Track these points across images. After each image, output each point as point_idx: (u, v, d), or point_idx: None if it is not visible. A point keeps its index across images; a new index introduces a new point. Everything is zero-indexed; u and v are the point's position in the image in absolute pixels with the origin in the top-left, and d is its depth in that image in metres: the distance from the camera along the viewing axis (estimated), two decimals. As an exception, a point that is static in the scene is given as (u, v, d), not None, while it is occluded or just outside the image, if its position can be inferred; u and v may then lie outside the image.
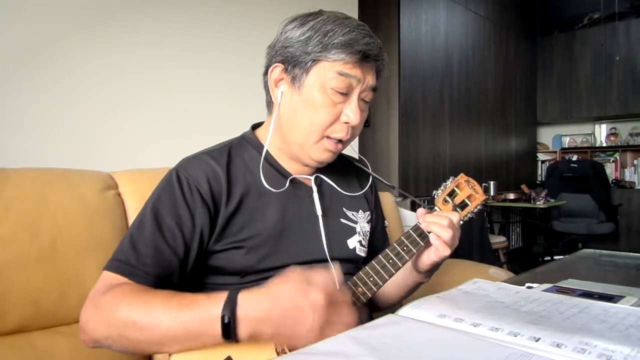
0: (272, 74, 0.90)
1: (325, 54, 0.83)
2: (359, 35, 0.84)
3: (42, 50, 1.58)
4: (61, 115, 1.62)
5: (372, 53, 0.85)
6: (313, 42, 0.84)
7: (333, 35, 0.83)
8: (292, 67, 0.87)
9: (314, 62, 0.84)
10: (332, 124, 0.86)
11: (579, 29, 5.67)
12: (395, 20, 3.72)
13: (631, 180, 5.44)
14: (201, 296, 0.72)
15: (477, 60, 4.73)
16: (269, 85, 0.92)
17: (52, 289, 1.08)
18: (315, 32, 0.84)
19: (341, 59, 0.83)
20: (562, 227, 4.82)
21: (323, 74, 0.84)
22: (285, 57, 0.87)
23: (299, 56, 0.85)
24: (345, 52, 0.82)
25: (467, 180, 0.94)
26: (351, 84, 0.84)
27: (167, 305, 0.70)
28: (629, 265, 1.22)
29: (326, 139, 0.88)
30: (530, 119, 5.85)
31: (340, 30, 0.83)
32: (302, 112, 0.87)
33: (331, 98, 0.84)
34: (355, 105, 0.86)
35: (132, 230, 0.82)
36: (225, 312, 0.67)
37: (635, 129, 5.60)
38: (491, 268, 2.00)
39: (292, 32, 0.87)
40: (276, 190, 0.89)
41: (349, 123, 0.86)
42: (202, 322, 0.68)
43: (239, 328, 0.68)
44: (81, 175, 1.25)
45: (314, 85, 0.85)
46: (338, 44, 0.82)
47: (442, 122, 4.24)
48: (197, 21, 2.05)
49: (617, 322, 0.60)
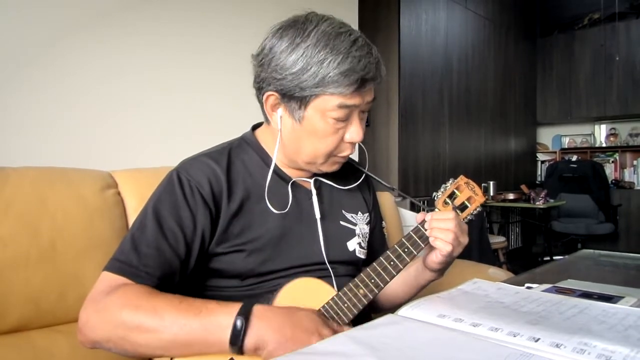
0: (268, 101, 0.87)
1: (322, 89, 0.80)
2: (354, 60, 0.79)
3: (42, 50, 1.58)
4: (61, 115, 1.62)
5: (369, 77, 0.81)
6: (307, 75, 0.79)
7: (328, 67, 0.78)
8: (288, 100, 0.84)
9: (311, 97, 0.82)
10: (336, 147, 0.87)
11: (579, 29, 5.66)
12: (395, 19, 3.72)
13: (630, 180, 5.45)
14: (212, 303, 0.72)
15: (476, 60, 4.73)
16: (266, 110, 0.89)
17: (52, 288, 1.08)
18: (307, 63, 0.79)
19: (339, 92, 0.80)
20: (561, 227, 4.82)
21: (322, 106, 0.82)
22: (279, 89, 0.83)
23: (294, 90, 0.81)
24: (343, 85, 0.79)
25: (466, 182, 0.94)
26: (351, 110, 0.84)
27: (175, 311, 0.70)
28: (629, 265, 1.22)
29: (333, 157, 0.89)
30: (529, 119, 5.85)
31: (334, 58, 0.78)
32: (306, 141, 0.87)
33: (333, 126, 0.84)
34: (357, 125, 0.86)
35: (133, 231, 0.82)
36: (239, 317, 0.69)
37: (634, 129, 5.60)
38: (490, 268, 2.00)
39: (282, 57, 0.82)
40: (278, 212, 0.89)
41: (353, 142, 0.87)
42: (211, 329, 0.69)
43: (248, 335, 0.69)
44: (81, 174, 1.25)
45: (314, 116, 0.84)
46: (334, 77, 0.78)
47: (442, 122, 4.25)
48: (196, 21, 2.04)
49: (617, 322, 0.60)
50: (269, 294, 0.84)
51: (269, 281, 0.86)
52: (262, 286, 0.86)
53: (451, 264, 0.92)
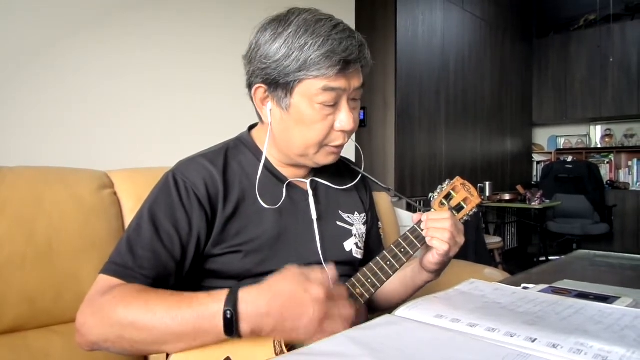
0: (257, 95, 0.87)
1: (304, 72, 0.80)
2: (334, 42, 0.79)
3: (39, 50, 1.57)
4: (57, 115, 1.62)
5: (352, 58, 0.81)
6: (289, 61, 0.80)
7: (308, 50, 0.78)
8: (274, 89, 0.84)
9: (295, 82, 0.81)
10: (327, 135, 0.86)
11: (574, 30, 5.69)
12: (392, 20, 3.73)
13: (625, 181, 5.48)
14: (201, 294, 0.72)
15: (473, 61, 4.74)
16: (256, 104, 0.90)
17: (48, 288, 1.08)
18: (289, 49, 0.80)
19: (322, 74, 0.79)
20: (557, 227, 4.85)
21: (308, 91, 0.82)
22: (265, 78, 0.84)
23: (279, 78, 0.82)
24: (325, 67, 0.79)
25: (462, 183, 0.94)
26: (338, 94, 0.83)
27: (166, 304, 0.70)
28: (624, 266, 1.23)
29: (326, 147, 0.88)
30: (525, 120, 5.87)
31: (314, 42, 0.79)
32: (295, 130, 0.86)
33: (321, 112, 0.83)
34: (346, 112, 0.84)
35: (128, 233, 0.81)
36: (227, 307, 0.68)
37: (629, 130, 5.63)
38: (487, 268, 2.01)
39: (265, 47, 0.83)
40: (272, 207, 0.89)
41: (344, 130, 0.86)
42: (204, 319, 0.68)
43: (241, 323, 0.68)
44: (77, 174, 1.25)
45: (300, 103, 0.83)
46: (315, 59, 0.78)
47: (438, 123, 4.25)
48: (193, 21, 2.04)
49: (613, 323, 0.61)
50: None
51: None
52: None
53: (447, 264, 0.92)
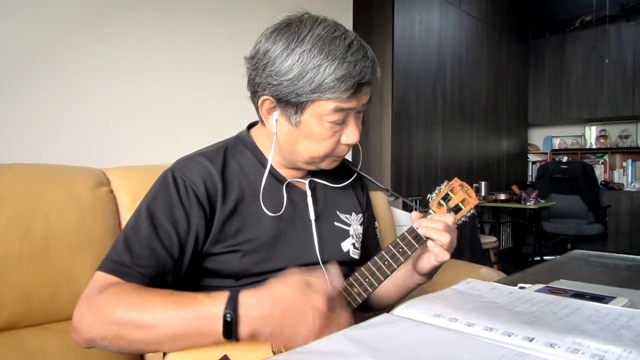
0: (263, 105, 0.86)
1: (318, 95, 0.80)
2: (350, 65, 0.79)
3: (37, 50, 1.56)
4: (54, 113, 1.61)
5: (365, 80, 0.81)
6: (303, 82, 0.79)
7: (324, 72, 0.78)
8: (284, 105, 0.83)
9: (307, 102, 0.81)
10: (333, 149, 0.87)
11: (570, 31, 5.71)
12: (389, 20, 3.73)
13: (620, 182, 5.51)
14: (200, 295, 0.72)
15: (470, 61, 4.75)
16: (261, 114, 0.89)
17: (44, 286, 1.07)
18: (302, 69, 0.79)
19: (335, 97, 0.80)
20: (551, 227, 4.86)
21: (318, 111, 0.82)
22: (275, 94, 0.83)
23: (290, 95, 0.81)
24: (340, 91, 0.79)
25: (461, 184, 0.95)
26: (347, 113, 0.84)
27: (165, 304, 0.69)
28: (618, 266, 1.24)
29: (330, 156, 0.89)
30: (521, 120, 5.89)
31: (329, 64, 0.78)
32: (302, 144, 0.86)
33: (330, 130, 0.84)
34: (353, 127, 0.86)
35: (126, 231, 0.81)
36: (227, 310, 0.68)
37: (624, 131, 5.66)
38: (482, 268, 2.02)
39: (277, 62, 0.81)
40: (273, 214, 0.89)
41: (350, 144, 0.88)
42: (203, 320, 0.68)
43: (240, 326, 0.68)
44: (73, 171, 1.24)
45: (310, 121, 0.83)
46: (330, 84, 0.78)
47: (435, 123, 4.26)
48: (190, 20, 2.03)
49: (609, 322, 0.61)
50: None
51: (263, 281, 0.86)
52: (257, 286, 0.86)
53: (440, 268, 0.93)
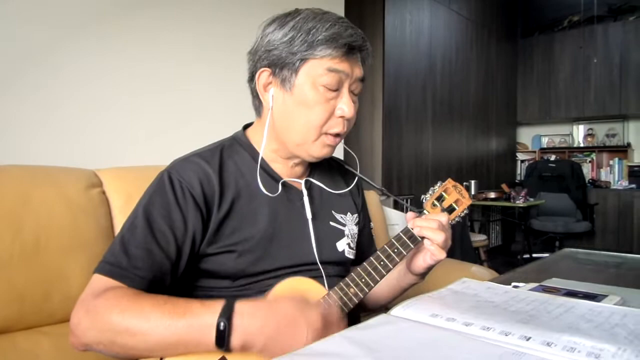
0: (260, 79, 0.89)
1: (311, 52, 0.83)
2: (341, 28, 0.84)
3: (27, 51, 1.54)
4: (45, 114, 1.59)
5: (356, 44, 0.85)
6: (297, 42, 0.83)
7: (316, 32, 0.83)
8: (279, 70, 0.86)
9: (301, 61, 0.84)
10: (327, 120, 0.87)
11: (558, 30, 5.77)
12: (380, 19, 3.74)
13: (607, 180, 5.58)
14: (195, 303, 0.72)
15: (459, 60, 4.78)
16: (258, 90, 0.90)
17: (36, 288, 1.06)
18: (297, 32, 0.84)
19: (328, 55, 0.83)
20: (540, 225, 4.92)
21: (313, 71, 0.84)
22: (271, 60, 0.86)
23: (286, 57, 0.85)
24: (331, 47, 0.83)
25: (454, 185, 0.95)
26: (341, 78, 0.85)
27: (160, 312, 0.70)
28: (608, 263, 1.25)
29: (324, 135, 0.88)
30: (510, 119, 5.94)
31: (322, 26, 0.83)
32: (297, 113, 0.87)
33: (324, 95, 0.85)
34: (348, 99, 0.87)
35: (123, 233, 0.80)
36: (221, 319, 0.68)
37: (611, 130, 5.73)
38: (473, 266, 2.03)
39: (273, 34, 0.87)
40: (272, 195, 0.89)
41: (344, 117, 0.87)
42: (196, 330, 0.69)
43: (233, 336, 0.68)
44: (65, 172, 1.23)
45: (305, 84, 0.85)
46: (323, 40, 0.83)
47: (425, 122, 4.28)
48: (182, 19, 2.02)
49: (603, 321, 0.62)
50: (261, 294, 0.83)
51: (260, 281, 0.86)
52: (253, 287, 0.86)
53: (434, 267, 0.93)
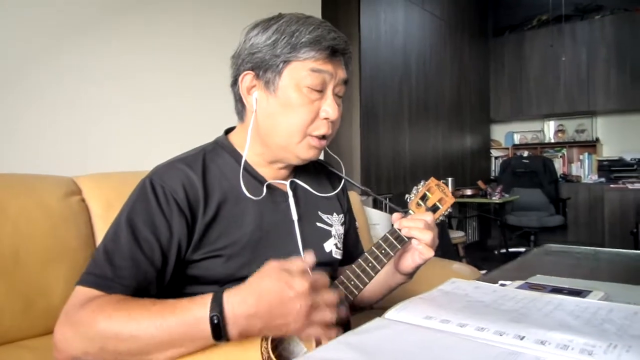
0: (243, 82, 0.89)
1: (295, 54, 0.83)
2: (324, 31, 0.84)
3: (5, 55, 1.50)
4: (20, 119, 1.54)
5: (339, 47, 0.86)
6: (281, 44, 0.84)
7: (300, 35, 0.83)
8: (263, 72, 0.86)
9: (285, 63, 0.84)
10: (312, 122, 0.87)
11: (528, 29, 5.90)
12: (356, 19, 3.75)
13: (577, 174, 5.73)
14: (184, 300, 0.70)
15: (434, 60, 4.84)
16: (242, 93, 0.90)
17: (16, 301, 1.03)
18: (281, 34, 0.84)
19: (311, 57, 0.84)
20: (515, 220, 5.02)
21: (296, 73, 0.84)
22: (255, 63, 0.87)
23: (269, 60, 0.85)
24: (315, 49, 0.83)
25: (437, 184, 0.97)
26: (324, 79, 0.85)
27: (149, 313, 0.68)
28: (587, 256, 1.29)
29: (309, 137, 0.88)
30: (484, 117, 6.05)
31: (305, 29, 0.84)
32: (281, 115, 0.86)
33: (307, 96, 0.85)
34: (332, 100, 0.87)
35: (105, 243, 0.79)
36: (214, 313, 0.67)
37: (580, 125, 5.89)
38: (454, 263, 2.06)
39: (256, 38, 0.87)
40: (256, 198, 0.88)
41: (329, 118, 0.87)
42: (189, 326, 0.67)
43: (229, 327, 0.67)
44: (42, 180, 1.20)
45: (288, 86, 0.85)
46: (306, 42, 0.83)
47: (402, 121, 4.32)
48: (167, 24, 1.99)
49: (590, 316, 0.64)
50: None
51: None
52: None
53: (421, 266, 0.94)
